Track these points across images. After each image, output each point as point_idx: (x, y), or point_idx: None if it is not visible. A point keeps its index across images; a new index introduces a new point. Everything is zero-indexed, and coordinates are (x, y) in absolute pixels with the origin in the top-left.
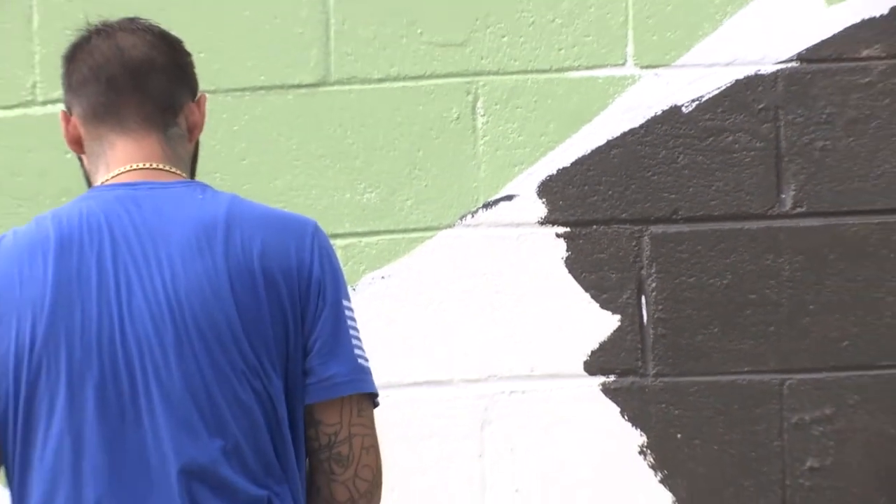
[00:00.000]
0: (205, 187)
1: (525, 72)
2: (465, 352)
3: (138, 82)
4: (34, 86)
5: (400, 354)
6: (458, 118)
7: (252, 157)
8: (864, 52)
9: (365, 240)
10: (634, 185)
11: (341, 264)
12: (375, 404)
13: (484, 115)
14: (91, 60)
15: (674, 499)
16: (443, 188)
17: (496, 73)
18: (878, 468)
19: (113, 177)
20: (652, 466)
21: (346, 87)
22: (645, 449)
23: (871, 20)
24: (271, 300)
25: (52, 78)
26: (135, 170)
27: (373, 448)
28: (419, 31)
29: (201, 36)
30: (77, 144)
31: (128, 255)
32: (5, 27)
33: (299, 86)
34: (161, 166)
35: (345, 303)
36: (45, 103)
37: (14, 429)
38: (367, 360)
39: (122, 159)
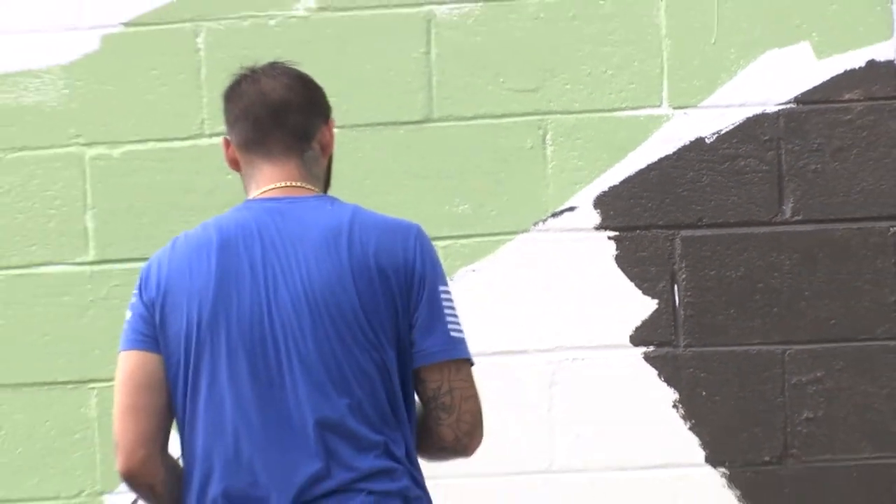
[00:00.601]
0: (333, 200)
1: (584, 111)
2: (538, 328)
3: (277, 121)
4: (202, 122)
5: (487, 330)
6: (531, 148)
7: (372, 177)
8: (847, 96)
9: (460, 242)
10: (668, 199)
11: (441, 260)
12: (472, 364)
13: (552, 145)
14: (241, 103)
15: (699, 442)
16: (520, 202)
17: (561, 113)
18: (860, 419)
19: (261, 193)
20: (682, 417)
21: (445, 124)
22: (677, 403)
23: (852, 71)
24: (384, 290)
25: (216, 115)
26: (278, 188)
27: (472, 398)
28: (501, 80)
29: (334, 84)
30: (235, 164)
31: (273, 256)
32: (179, 77)
33: (408, 122)
34: (299, 184)
35: (441, 288)
36: (211, 136)
37: (184, 390)
38: (460, 331)
39: (269, 179)
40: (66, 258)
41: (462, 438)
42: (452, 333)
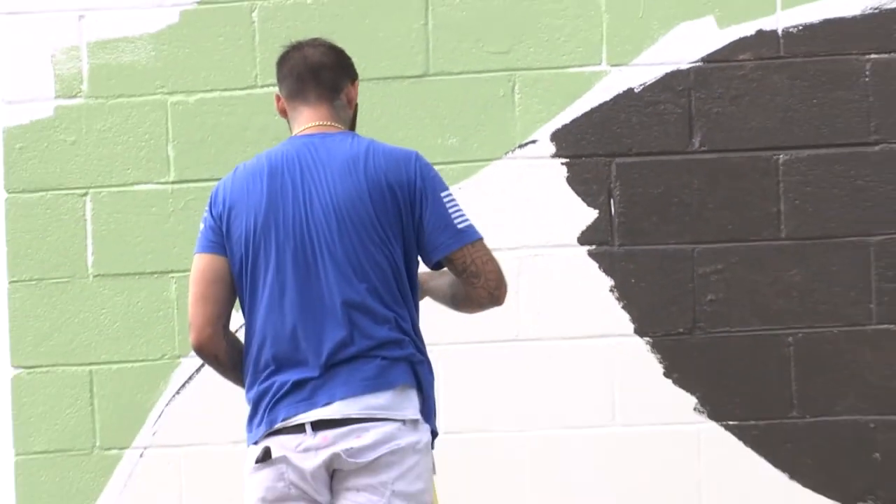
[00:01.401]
0: (354, 135)
1: (543, 68)
2: (508, 231)
3: (314, 76)
4: (256, 76)
5: None
6: (503, 95)
7: (385, 117)
8: (741, 56)
9: (449, 166)
10: (606, 133)
11: None
12: (482, 239)
13: (519, 94)
14: (288, 64)
15: (629, 318)
16: (495, 136)
17: (527, 69)
18: (750, 300)
19: (301, 130)
20: (617, 299)
21: (439, 78)
22: (613, 288)
23: (745, 38)
24: (392, 201)
25: (267, 71)
26: (314, 126)
27: (490, 261)
28: (481, 45)
29: (356, 47)
30: (284, 114)
31: (309, 177)
32: (239, 43)
33: (411, 76)
34: (329, 124)
35: (442, 194)
36: (262, 87)
37: (245, 282)
38: (465, 220)
39: (307, 120)
40: (153, 179)
41: (493, 292)
42: (459, 226)
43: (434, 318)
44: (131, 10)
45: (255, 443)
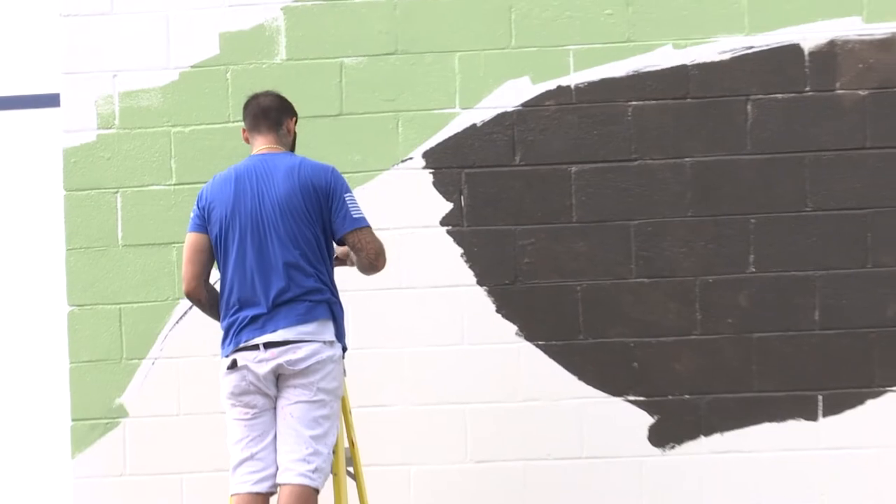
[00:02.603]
0: (292, 154)
1: (417, 110)
2: (391, 216)
3: (265, 116)
4: (229, 115)
5: (369, 219)
6: (391, 128)
7: (311, 145)
8: (546, 103)
9: (353, 174)
10: (458, 152)
11: (347, 181)
12: (368, 226)
13: (402, 127)
14: (249, 109)
15: (473, 273)
16: (385, 155)
17: (407, 111)
18: (553, 265)
19: (257, 151)
20: (465, 263)
21: (349, 116)
22: (462, 255)
23: (550, 90)
24: (315, 197)
25: (236, 112)
26: (265, 148)
27: (372, 241)
28: (377, 94)
29: (295, 95)
30: (247, 140)
31: (262, 182)
32: (218, 93)
33: (331, 115)
34: (275, 146)
35: (345, 196)
36: (234, 122)
37: (220, 250)
38: (359, 212)
39: (260, 144)
40: (161, 182)
41: (373, 262)
42: (354, 216)
43: (346, 276)
44: (147, 71)
45: (227, 356)
